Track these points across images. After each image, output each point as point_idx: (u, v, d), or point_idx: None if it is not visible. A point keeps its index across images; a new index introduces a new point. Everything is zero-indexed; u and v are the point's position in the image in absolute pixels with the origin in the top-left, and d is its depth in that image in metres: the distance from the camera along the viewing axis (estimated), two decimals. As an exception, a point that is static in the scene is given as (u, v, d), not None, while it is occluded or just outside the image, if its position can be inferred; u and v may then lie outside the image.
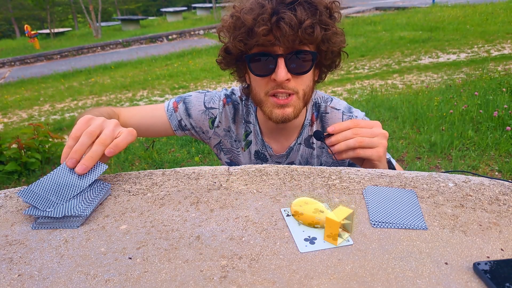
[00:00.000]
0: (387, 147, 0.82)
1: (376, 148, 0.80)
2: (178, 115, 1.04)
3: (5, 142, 3.81)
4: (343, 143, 0.79)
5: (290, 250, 0.52)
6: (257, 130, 1.04)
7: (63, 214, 0.59)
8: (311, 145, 1.03)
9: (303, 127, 1.02)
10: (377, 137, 0.80)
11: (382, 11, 15.26)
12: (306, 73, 0.87)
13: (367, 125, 0.81)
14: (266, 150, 1.04)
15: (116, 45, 14.02)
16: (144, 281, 0.47)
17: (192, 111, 1.04)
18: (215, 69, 8.50)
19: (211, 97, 1.06)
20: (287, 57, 0.84)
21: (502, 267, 0.46)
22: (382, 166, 0.83)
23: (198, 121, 1.05)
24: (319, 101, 1.03)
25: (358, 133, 0.79)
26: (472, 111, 3.93)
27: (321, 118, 1.02)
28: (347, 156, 0.81)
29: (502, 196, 0.63)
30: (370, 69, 7.11)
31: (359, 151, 0.79)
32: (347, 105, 1.03)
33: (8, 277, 0.49)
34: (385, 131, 0.82)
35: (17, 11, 28.79)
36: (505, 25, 9.25)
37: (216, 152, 1.13)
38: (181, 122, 1.05)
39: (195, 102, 1.05)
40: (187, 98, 1.05)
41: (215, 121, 1.05)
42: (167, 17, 23.50)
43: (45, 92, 8.25)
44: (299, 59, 0.84)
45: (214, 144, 1.10)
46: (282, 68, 0.83)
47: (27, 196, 0.62)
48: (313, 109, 1.03)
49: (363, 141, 0.79)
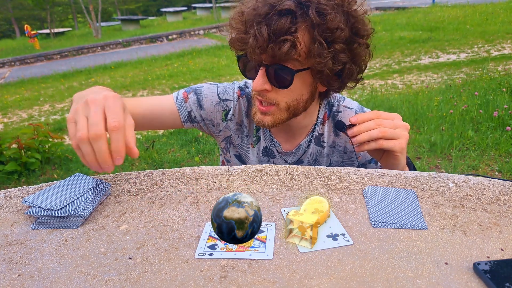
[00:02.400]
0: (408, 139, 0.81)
1: (399, 140, 0.79)
2: (188, 105, 1.00)
3: (5, 142, 3.80)
4: (366, 134, 0.78)
5: (290, 250, 0.52)
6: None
7: (66, 214, 0.59)
8: (321, 144, 1.02)
9: (315, 126, 1.01)
10: (399, 129, 0.79)
11: (382, 11, 15.26)
12: (286, 88, 0.83)
13: (389, 117, 0.80)
14: (275, 147, 1.03)
15: (116, 45, 14.02)
16: (144, 281, 0.47)
17: (204, 102, 1.01)
18: (215, 69, 8.51)
19: (225, 89, 1.03)
20: (269, 67, 0.81)
21: (502, 267, 0.46)
22: (403, 158, 0.82)
23: (210, 113, 1.02)
24: (332, 100, 1.02)
25: (380, 124, 0.78)
26: (472, 111, 3.93)
27: (333, 117, 1.01)
28: (369, 147, 0.80)
29: (502, 196, 0.63)
30: (370, 69, 7.11)
31: (382, 142, 0.78)
32: (359, 105, 1.03)
33: (8, 277, 0.49)
34: (406, 123, 0.81)
35: (17, 11, 28.80)
36: (505, 25, 9.25)
37: (223, 146, 1.10)
38: (191, 114, 1.01)
39: (208, 93, 1.01)
40: (198, 89, 1.02)
41: (229, 113, 1.02)
42: (167, 17, 23.51)
43: (45, 92, 8.24)
44: (280, 72, 0.81)
45: (224, 138, 1.07)
46: (259, 78, 0.81)
47: (32, 199, 0.63)
48: (326, 108, 1.02)
49: (386, 132, 0.78)
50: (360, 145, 0.81)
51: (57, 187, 0.67)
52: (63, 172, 3.77)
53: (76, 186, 0.67)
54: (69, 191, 0.65)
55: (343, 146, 1.02)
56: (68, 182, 0.68)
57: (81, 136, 0.59)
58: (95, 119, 0.59)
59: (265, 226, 0.57)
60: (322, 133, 1.02)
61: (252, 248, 0.52)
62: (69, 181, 0.69)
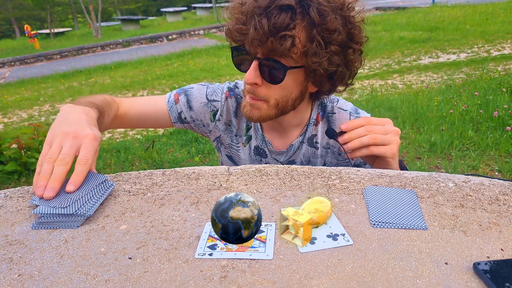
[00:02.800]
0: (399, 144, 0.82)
1: (390, 145, 0.79)
2: (179, 107, 1.02)
3: (5, 142, 3.80)
4: (357, 141, 0.79)
5: (290, 250, 0.52)
6: (257, 125, 1.03)
7: (73, 211, 0.60)
8: (314, 145, 1.02)
9: (307, 126, 1.01)
10: (390, 134, 0.80)
11: (382, 11, 15.26)
12: (277, 84, 0.83)
13: (379, 122, 0.81)
14: (266, 146, 1.04)
15: (116, 45, 14.01)
16: (144, 281, 0.47)
17: (193, 103, 1.02)
18: (215, 69, 8.51)
19: (214, 90, 1.04)
20: (261, 61, 0.81)
21: (502, 267, 0.46)
22: (395, 164, 0.83)
23: (199, 114, 1.03)
24: (325, 101, 1.03)
25: (371, 130, 0.79)
26: (472, 111, 3.93)
27: (327, 118, 1.02)
28: (360, 154, 0.80)
29: (502, 196, 0.63)
30: (370, 69, 7.11)
31: (373, 148, 0.79)
32: (354, 106, 1.03)
33: (8, 277, 0.49)
34: (397, 128, 0.82)
35: (17, 11, 28.78)
36: (505, 25, 9.25)
37: (215, 145, 1.11)
38: (181, 115, 1.03)
39: (197, 94, 1.03)
40: (188, 90, 1.04)
41: (216, 114, 1.04)
42: (167, 17, 23.50)
43: (45, 92, 8.24)
44: (273, 67, 0.81)
45: (214, 138, 1.09)
46: (251, 71, 0.81)
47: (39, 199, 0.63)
48: (318, 109, 1.02)
49: (376, 138, 0.78)
50: (351, 152, 0.81)
51: (65, 184, 0.67)
52: (63, 172, 3.77)
53: (84, 182, 0.67)
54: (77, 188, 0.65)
55: (337, 147, 1.02)
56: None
57: (49, 158, 0.66)
58: (68, 151, 0.66)
59: (265, 226, 0.57)
60: (315, 134, 1.02)
61: (252, 248, 0.52)
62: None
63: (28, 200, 0.68)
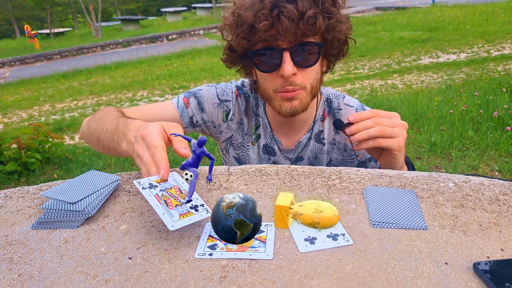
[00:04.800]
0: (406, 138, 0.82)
1: (397, 138, 0.80)
2: (190, 111, 1.01)
3: (5, 142, 3.80)
4: (364, 132, 0.79)
5: (290, 250, 0.52)
6: (266, 123, 1.03)
7: (81, 208, 0.60)
8: (321, 141, 1.03)
9: (314, 122, 1.02)
10: (397, 127, 0.80)
11: (382, 11, 15.26)
12: (313, 66, 0.85)
13: (387, 115, 0.81)
14: (276, 144, 1.04)
15: (116, 45, 14.02)
16: (144, 281, 0.47)
17: (205, 105, 1.01)
18: (215, 69, 8.50)
19: (223, 90, 1.03)
20: (292, 50, 0.82)
21: (502, 267, 0.46)
22: (401, 157, 0.83)
23: (211, 115, 1.02)
24: (331, 98, 1.03)
25: (379, 123, 0.79)
26: (472, 111, 3.93)
27: (333, 114, 1.02)
28: (367, 145, 0.80)
29: (502, 196, 0.63)
30: (370, 69, 7.11)
31: (379, 140, 0.79)
32: (360, 102, 1.03)
33: (8, 277, 0.49)
34: (404, 122, 0.82)
35: (17, 11, 28.79)
36: (505, 25, 9.25)
37: (223, 147, 1.10)
38: (193, 119, 1.02)
39: (208, 96, 1.02)
40: (198, 92, 1.02)
41: (229, 114, 1.03)
42: (167, 17, 23.50)
43: (45, 92, 8.24)
44: (305, 51, 0.83)
45: (225, 139, 1.08)
46: (288, 62, 0.82)
47: (50, 193, 0.63)
48: (325, 105, 1.02)
49: (384, 130, 0.79)
50: (358, 143, 0.81)
51: (75, 182, 0.67)
52: (63, 172, 3.77)
53: (93, 182, 0.67)
54: (86, 187, 0.66)
55: (343, 143, 1.02)
56: (86, 178, 0.69)
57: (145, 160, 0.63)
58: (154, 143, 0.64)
59: (265, 226, 0.57)
60: (322, 130, 1.02)
61: (252, 248, 0.52)
62: (86, 177, 0.70)
63: (28, 200, 0.68)
